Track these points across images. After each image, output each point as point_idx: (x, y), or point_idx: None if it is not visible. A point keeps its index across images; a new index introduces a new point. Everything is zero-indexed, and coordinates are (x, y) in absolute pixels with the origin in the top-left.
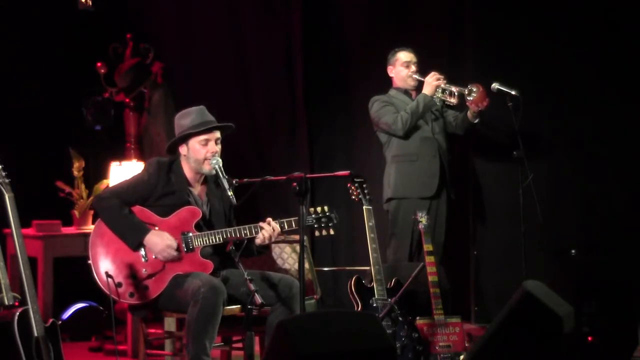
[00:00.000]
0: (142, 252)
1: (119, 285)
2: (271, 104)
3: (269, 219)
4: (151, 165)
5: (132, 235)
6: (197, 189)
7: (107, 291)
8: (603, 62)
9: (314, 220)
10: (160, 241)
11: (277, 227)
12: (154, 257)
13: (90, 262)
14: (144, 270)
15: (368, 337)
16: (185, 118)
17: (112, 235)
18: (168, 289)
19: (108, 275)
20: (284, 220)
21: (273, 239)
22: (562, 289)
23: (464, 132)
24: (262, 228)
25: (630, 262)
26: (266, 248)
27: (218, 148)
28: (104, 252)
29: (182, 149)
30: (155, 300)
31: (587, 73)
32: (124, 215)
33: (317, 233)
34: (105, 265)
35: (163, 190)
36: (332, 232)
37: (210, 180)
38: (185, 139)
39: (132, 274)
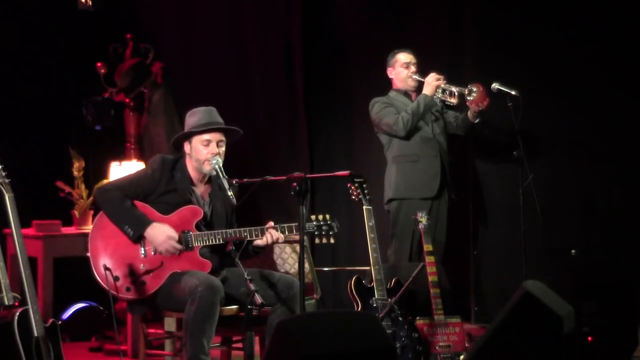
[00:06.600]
0: (142, 248)
1: (116, 279)
2: (271, 104)
3: (271, 223)
4: (155, 162)
5: (133, 227)
6: (201, 189)
7: (104, 285)
8: (603, 62)
9: (315, 228)
10: (161, 233)
11: (281, 236)
12: (153, 252)
13: (89, 254)
14: (142, 265)
15: (368, 337)
16: (193, 116)
17: (112, 229)
18: (165, 286)
19: (106, 268)
20: (285, 225)
21: (274, 244)
22: (562, 289)
23: (465, 133)
24: (264, 234)
25: (630, 262)
26: (263, 249)
27: (221, 150)
28: (104, 246)
29: (186, 147)
30: (153, 297)
31: (588, 73)
32: (125, 208)
33: (317, 240)
34: (103, 259)
35: (166, 187)
36: (332, 240)
37: (214, 181)
38: (189, 136)
39: (130, 269)
